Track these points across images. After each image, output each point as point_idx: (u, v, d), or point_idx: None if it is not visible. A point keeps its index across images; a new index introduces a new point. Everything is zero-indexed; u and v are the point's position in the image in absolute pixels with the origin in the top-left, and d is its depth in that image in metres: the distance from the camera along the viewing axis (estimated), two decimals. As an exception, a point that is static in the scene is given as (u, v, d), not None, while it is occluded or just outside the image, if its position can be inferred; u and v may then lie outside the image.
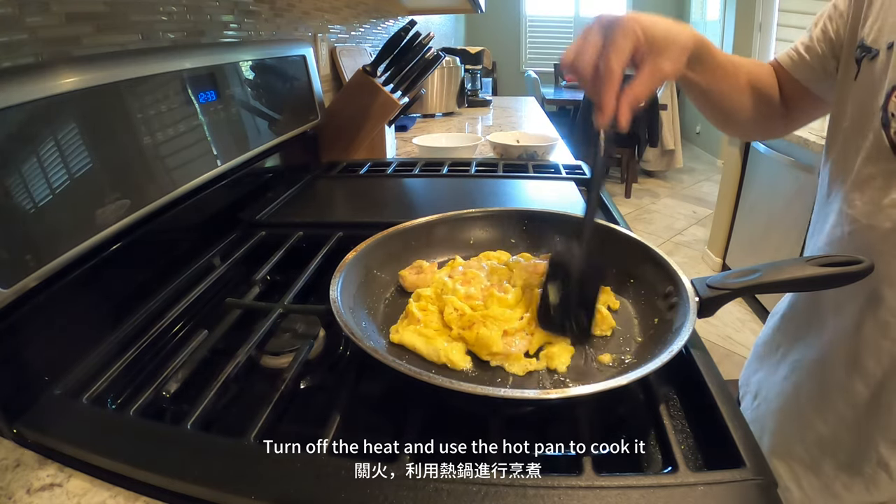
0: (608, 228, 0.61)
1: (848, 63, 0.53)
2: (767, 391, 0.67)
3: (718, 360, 0.45)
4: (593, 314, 0.48)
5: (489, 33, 5.31)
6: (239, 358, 0.46)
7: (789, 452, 0.61)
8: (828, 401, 0.57)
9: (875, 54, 0.49)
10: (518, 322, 0.48)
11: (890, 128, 0.47)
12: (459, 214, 0.65)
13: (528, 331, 0.48)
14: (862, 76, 0.51)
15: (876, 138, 0.49)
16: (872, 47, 0.49)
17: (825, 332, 0.58)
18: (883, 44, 0.48)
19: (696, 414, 0.43)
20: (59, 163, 0.46)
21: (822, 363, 0.58)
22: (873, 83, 0.49)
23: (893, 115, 0.47)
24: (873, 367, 0.52)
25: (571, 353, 0.46)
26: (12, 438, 0.41)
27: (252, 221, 0.78)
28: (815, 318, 0.60)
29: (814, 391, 0.59)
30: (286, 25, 1.12)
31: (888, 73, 0.47)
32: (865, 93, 0.50)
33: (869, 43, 0.49)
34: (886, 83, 0.47)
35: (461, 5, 2.22)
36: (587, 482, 0.34)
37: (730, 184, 2.58)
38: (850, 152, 0.52)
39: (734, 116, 0.64)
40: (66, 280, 0.47)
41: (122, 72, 0.54)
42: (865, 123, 0.50)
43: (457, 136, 1.39)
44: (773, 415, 0.65)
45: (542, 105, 3.07)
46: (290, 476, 0.35)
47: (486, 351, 0.46)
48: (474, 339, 0.46)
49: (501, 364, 0.46)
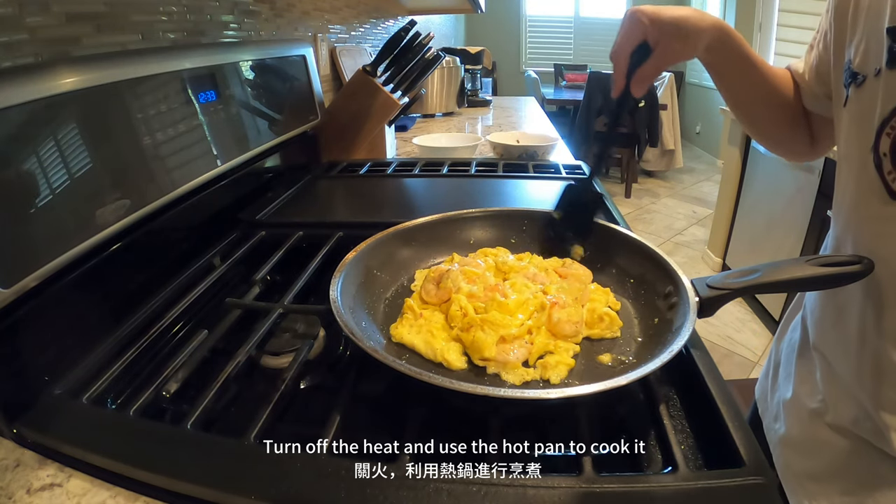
0: (608, 228, 0.61)
1: (838, 88, 0.49)
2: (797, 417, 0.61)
3: (718, 360, 0.45)
4: (589, 231, 0.63)
5: (489, 33, 5.30)
6: (239, 358, 0.46)
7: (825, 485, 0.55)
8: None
9: (862, 80, 0.44)
10: (517, 329, 0.47)
11: (883, 169, 0.42)
12: (459, 214, 0.65)
13: (528, 339, 0.47)
14: (851, 104, 0.46)
15: (869, 179, 0.44)
16: (859, 73, 0.45)
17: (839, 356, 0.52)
18: (870, 70, 0.43)
19: (696, 414, 0.43)
20: (59, 163, 0.46)
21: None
22: (861, 115, 0.45)
23: (885, 154, 0.42)
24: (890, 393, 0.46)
25: (571, 365, 0.46)
26: (12, 438, 0.41)
27: (252, 221, 0.78)
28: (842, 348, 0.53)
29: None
30: (286, 25, 1.12)
31: (877, 105, 0.42)
32: (855, 125, 0.46)
33: (855, 67, 0.45)
34: (876, 118, 0.42)
35: (461, 5, 2.22)
36: (587, 482, 0.34)
37: (730, 184, 2.58)
38: (849, 177, 0.48)
39: (758, 121, 0.63)
40: (66, 280, 0.47)
41: (122, 72, 0.54)
42: (859, 150, 0.45)
43: (457, 136, 1.39)
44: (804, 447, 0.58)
45: (542, 105, 3.07)
46: (290, 476, 0.35)
47: (479, 355, 0.45)
48: (470, 341, 0.46)
49: (498, 371, 0.45)
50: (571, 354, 0.47)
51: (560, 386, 0.44)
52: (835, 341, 0.53)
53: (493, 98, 2.50)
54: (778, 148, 0.70)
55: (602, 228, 0.62)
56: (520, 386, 0.44)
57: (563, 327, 0.48)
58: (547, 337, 0.48)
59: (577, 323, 0.48)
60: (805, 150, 0.66)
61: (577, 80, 4.55)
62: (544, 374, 0.45)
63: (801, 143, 0.65)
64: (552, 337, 0.48)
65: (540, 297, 0.51)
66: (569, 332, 0.48)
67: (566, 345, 0.48)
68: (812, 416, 0.56)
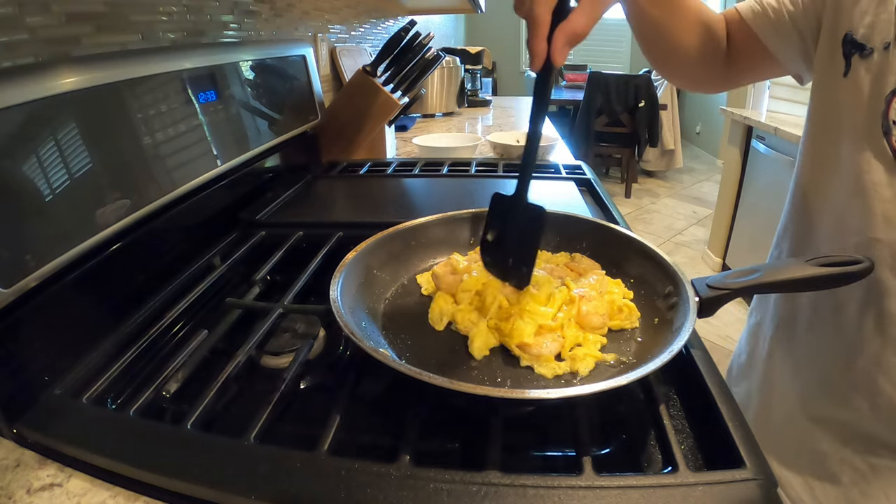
0: (608, 228, 0.61)
1: (833, 55, 0.51)
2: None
3: (718, 360, 0.45)
4: (533, 261, 0.48)
5: (489, 33, 5.31)
6: (239, 358, 0.46)
7: (799, 463, 0.60)
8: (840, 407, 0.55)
9: (869, 53, 0.46)
10: (553, 320, 0.48)
11: (891, 135, 0.46)
12: (459, 214, 0.65)
13: (560, 333, 0.48)
14: (854, 74, 0.48)
15: (877, 145, 0.47)
16: (865, 44, 0.46)
17: (830, 350, 0.56)
18: (878, 43, 0.45)
19: (696, 414, 0.43)
20: (59, 163, 0.46)
21: (826, 371, 0.57)
22: (869, 85, 0.47)
23: (895, 122, 0.45)
24: (886, 386, 0.50)
25: (598, 358, 0.46)
26: (12, 438, 0.41)
27: (252, 221, 0.78)
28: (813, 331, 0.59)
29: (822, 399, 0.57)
30: (286, 25, 1.13)
31: (888, 76, 0.45)
32: (860, 94, 0.48)
33: (860, 38, 0.47)
34: (886, 87, 0.45)
35: (461, 5, 2.22)
36: (587, 482, 0.34)
37: (730, 184, 2.58)
38: (845, 156, 0.51)
39: (676, 53, 0.61)
40: (66, 280, 0.47)
41: (122, 72, 0.54)
42: (863, 128, 0.48)
43: (457, 136, 1.39)
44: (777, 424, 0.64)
45: (542, 105, 3.06)
46: (290, 476, 0.35)
47: (518, 341, 0.46)
48: (509, 329, 0.46)
49: (531, 364, 0.46)
50: (599, 347, 0.48)
51: (561, 386, 0.44)
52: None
53: (493, 98, 2.50)
54: (685, 80, 0.69)
55: (602, 228, 0.62)
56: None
57: (592, 319, 0.49)
58: (576, 330, 0.49)
59: (603, 315, 0.50)
60: (714, 84, 0.67)
61: (577, 80, 4.55)
62: (573, 367, 0.46)
63: (712, 78, 0.66)
64: (580, 330, 0.49)
65: (565, 292, 0.52)
66: (597, 325, 0.49)
67: (595, 337, 0.49)
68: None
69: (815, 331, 0.58)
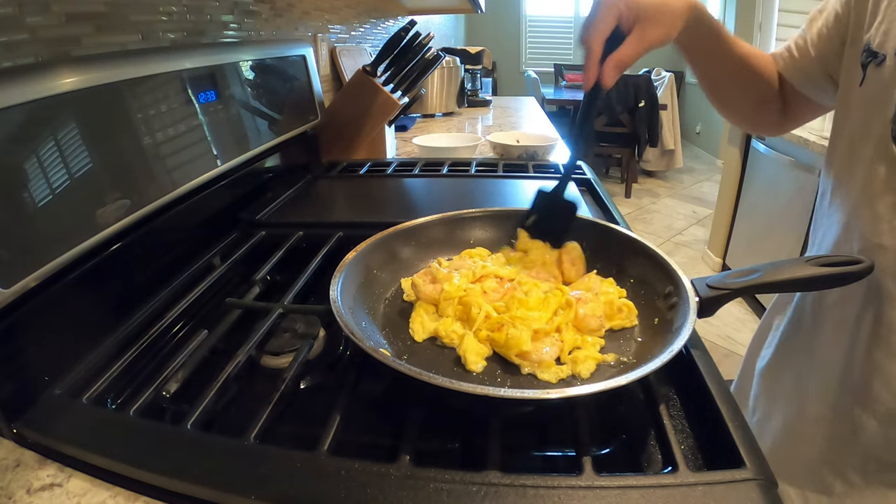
0: (608, 228, 0.61)
1: (852, 68, 0.51)
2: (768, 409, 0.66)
3: (718, 360, 0.45)
4: (561, 241, 0.60)
5: (489, 33, 5.31)
6: (239, 358, 0.46)
7: (795, 472, 0.59)
8: (836, 424, 0.55)
9: (882, 59, 0.46)
10: (546, 324, 0.47)
11: None
12: (459, 214, 0.65)
13: (558, 337, 0.47)
14: (868, 83, 0.48)
15: (885, 151, 0.46)
16: (879, 52, 0.47)
17: (831, 357, 0.55)
18: (890, 49, 0.45)
19: (696, 414, 0.43)
20: (59, 163, 0.46)
21: (827, 386, 0.56)
22: (880, 91, 0.47)
23: None
24: (882, 394, 0.49)
25: (598, 360, 0.46)
26: (12, 438, 0.41)
27: (252, 221, 0.78)
28: (818, 340, 0.58)
29: (822, 414, 0.57)
30: (286, 25, 1.12)
31: None
32: (872, 101, 0.48)
33: (875, 47, 0.47)
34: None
35: (461, 5, 2.22)
36: (587, 482, 0.34)
37: (730, 184, 2.58)
38: (857, 162, 0.50)
39: (731, 102, 0.64)
40: (66, 280, 0.47)
41: (122, 72, 0.54)
42: (873, 134, 0.48)
43: (457, 136, 1.38)
44: (777, 433, 0.63)
45: (542, 105, 3.07)
46: (290, 476, 0.35)
47: (517, 350, 0.45)
48: (504, 340, 0.45)
49: (533, 371, 0.45)
50: (598, 349, 0.48)
51: (562, 385, 0.44)
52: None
53: (493, 98, 2.50)
54: (744, 123, 0.73)
55: (602, 228, 0.62)
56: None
57: (589, 322, 0.49)
58: (574, 333, 0.49)
59: (600, 317, 0.50)
60: (772, 127, 0.69)
61: (577, 80, 4.55)
62: (574, 370, 0.45)
63: (769, 121, 0.68)
64: (578, 332, 0.49)
65: (559, 295, 0.51)
66: (594, 326, 0.49)
67: (593, 339, 0.48)
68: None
69: (817, 339, 0.58)
